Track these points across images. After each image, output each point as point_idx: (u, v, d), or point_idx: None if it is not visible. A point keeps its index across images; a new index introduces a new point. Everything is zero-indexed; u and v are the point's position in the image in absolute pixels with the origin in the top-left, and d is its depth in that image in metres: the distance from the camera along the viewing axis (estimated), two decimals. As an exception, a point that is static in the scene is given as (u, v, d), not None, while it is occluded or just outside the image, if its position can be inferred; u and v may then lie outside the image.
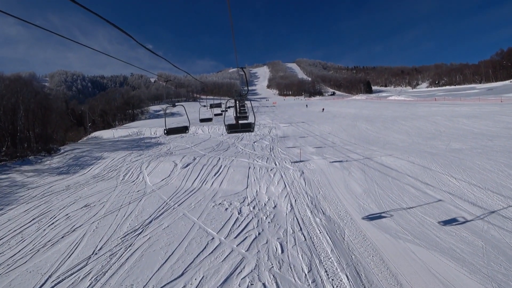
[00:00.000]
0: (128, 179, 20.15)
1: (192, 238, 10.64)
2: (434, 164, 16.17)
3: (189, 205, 14.06)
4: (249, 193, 15.08)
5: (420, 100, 74.72)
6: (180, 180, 18.28)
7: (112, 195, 16.70)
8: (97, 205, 15.14)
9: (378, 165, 17.15)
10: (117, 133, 47.95)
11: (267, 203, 13.65)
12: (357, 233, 10.38)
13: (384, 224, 10.76)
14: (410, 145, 23.48)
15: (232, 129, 10.20)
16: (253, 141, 29.99)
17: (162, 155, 25.99)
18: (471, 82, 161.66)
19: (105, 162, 25.67)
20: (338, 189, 14.39)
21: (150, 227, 11.80)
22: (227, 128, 10.08)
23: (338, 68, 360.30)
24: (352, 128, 33.99)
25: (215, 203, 13.95)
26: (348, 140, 27.97)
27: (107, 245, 10.66)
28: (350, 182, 15.00)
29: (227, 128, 10.09)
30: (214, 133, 37.86)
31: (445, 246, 9.14)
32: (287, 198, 13.83)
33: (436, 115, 37.97)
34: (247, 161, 20.66)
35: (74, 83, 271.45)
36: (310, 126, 37.69)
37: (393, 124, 33.90)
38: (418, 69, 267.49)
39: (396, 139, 26.82)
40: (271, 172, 17.63)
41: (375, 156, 19.12)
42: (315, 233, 10.51)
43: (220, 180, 17.47)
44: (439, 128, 30.33)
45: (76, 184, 20.01)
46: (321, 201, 13.29)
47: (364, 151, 21.70)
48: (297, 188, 15.02)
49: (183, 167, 20.23)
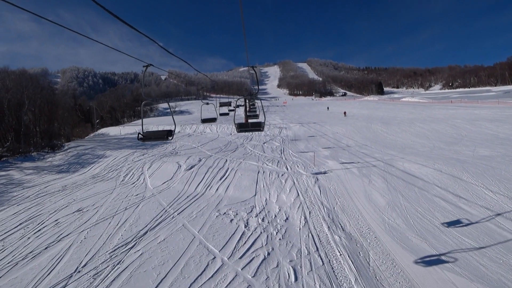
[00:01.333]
0: (128, 180, 18.82)
1: (190, 256, 9.16)
2: (465, 174, 14.42)
3: (190, 214, 12.58)
4: (257, 202, 13.51)
5: (435, 102, 72.54)
6: (183, 183, 16.84)
7: (109, 198, 15.35)
8: (90, 210, 13.81)
9: (401, 172, 15.45)
10: (124, 130, 46.88)
11: (277, 214, 12.08)
12: (384, 257, 8.79)
13: (415, 245, 9.14)
14: (432, 150, 21.70)
15: (242, 128, 9.65)
16: (263, 142, 28.45)
17: (167, 155, 24.64)
18: (486, 85, 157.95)
19: (106, 161, 24.44)
20: (357, 200, 12.75)
21: (144, 240, 10.37)
22: (237, 127, 9.56)
23: (349, 68, 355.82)
24: (367, 130, 32.22)
25: (219, 213, 12.44)
26: (363, 142, 26.25)
27: (93, 261, 9.26)
28: (371, 191, 13.33)
29: (237, 127, 9.58)
30: (222, 133, 36.42)
31: (492, 277, 7.52)
32: (301, 209, 12.25)
33: (455, 118, 36.02)
34: (256, 164, 19.09)
35: (86, 79, 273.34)
36: (322, 127, 35.97)
37: (410, 126, 32.06)
38: (431, 70, 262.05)
39: (416, 143, 25.03)
40: (282, 177, 16.04)
41: (396, 162, 17.42)
42: (335, 255, 8.94)
43: (226, 185, 15.94)
44: (460, 132, 28.45)
45: (73, 185, 18.77)
46: (339, 214, 11.68)
47: (383, 155, 20.00)
48: (311, 197, 13.40)
49: (187, 169, 18.81)
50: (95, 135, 49.33)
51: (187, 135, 35.86)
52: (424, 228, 10.09)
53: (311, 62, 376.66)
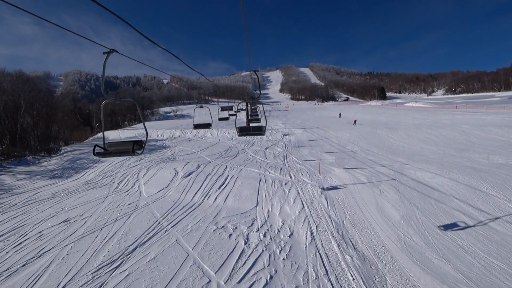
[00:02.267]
0: (122, 187, 17.77)
1: (182, 279, 8.06)
2: (484, 184, 13.32)
3: (185, 227, 11.46)
4: (259, 214, 12.36)
5: (439, 107, 71.59)
6: (179, 192, 15.74)
7: (99, 208, 14.29)
8: (78, 221, 12.75)
9: (413, 182, 14.34)
10: (123, 134, 45.83)
11: (281, 228, 10.95)
12: (403, 282, 7.68)
13: (438, 268, 8.04)
14: (443, 158, 20.61)
15: (243, 131, 9.75)
16: (265, 147, 27.38)
17: (164, 160, 23.60)
18: (489, 90, 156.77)
19: (102, 166, 23.41)
20: (369, 213, 11.64)
21: (132, 258, 9.27)
22: (238, 131, 9.66)
23: (351, 73, 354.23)
24: (372, 136, 31.14)
25: (216, 226, 11.31)
26: (370, 149, 25.19)
27: (72, 282, 8.19)
28: (383, 204, 12.22)
29: (238, 131, 9.65)
30: (223, 137, 35.38)
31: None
32: (306, 223, 11.12)
33: (463, 124, 34.92)
34: (258, 171, 17.99)
35: (88, 83, 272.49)
36: (326, 132, 34.86)
37: (417, 132, 30.94)
38: (434, 75, 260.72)
39: (424, 150, 23.95)
40: (285, 186, 14.92)
41: (407, 170, 16.32)
42: (347, 279, 7.82)
43: (226, 194, 14.81)
44: (469, 138, 27.37)
45: (64, 192, 17.73)
46: (350, 229, 10.56)
47: (392, 163, 18.92)
48: (317, 209, 12.27)
49: (184, 176, 17.74)
50: (94, 139, 48.34)
51: (187, 140, 34.85)
52: (445, 247, 8.98)
53: (313, 67, 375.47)
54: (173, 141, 34.47)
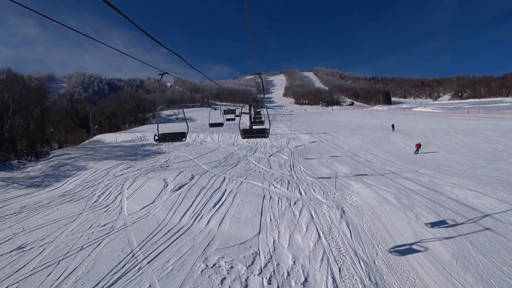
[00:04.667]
0: (101, 202, 15.13)
1: None
2: (545, 207, 10.57)
3: (164, 263, 8.69)
4: (262, 245, 9.55)
5: (450, 112, 68.73)
6: (166, 210, 13.02)
7: (67, 230, 11.64)
8: (35, 248, 10.13)
9: (455, 203, 11.56)
10: (120, 137, 43.38)
11: (291, 270, 8.16)
12: None
13: None
14: (473, 169, 17.89)
15: (246, 134, 9.69)
16: (269, 155, 24.68)
17: (155, 169, 20.96)
18: (497, 95, 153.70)
19: (85, 174, 20.78)
20: (407, 249, 8.89)
21: (84, 317, 6.61)
22: (242, 133, 9.59)
23: (355, 78, 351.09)
24: (386, 142, 28.44)
25: (206, 265, 8.52)
26: (386, 158, 22.47)
27: None
28: (424, 235, 9.42)
29: (241, 133, 9.57)
30: (224, 142, 32.77)
31: None
32: (325, 263, 8.33)
33: (482, 130, 32.09)
34: (261, 185, 15.24)
35: (91, 85, 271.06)
36: (335, 138, 32.13)
37: (435, 139, 28.15)
38: (439, 80, 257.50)
39: (449, 159, 21.20)
40: (295, 207, 12.13)
41: (441, 186, 13.57)
42: None
43: (221, 215, 12.02)
44: (495, 146, 24.64)
45: (35, 205, 15.11)
46: (385, 275, 7.78)
47: (417, 176, 16.19)
48: (338, 241, 9.47)
49: (174, 190, 15.06)
50: (90, 142, 45.89)
51: (184, 145, 32.20)
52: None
53: (317, 71, 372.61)
54: (170, 146, 31.83)
